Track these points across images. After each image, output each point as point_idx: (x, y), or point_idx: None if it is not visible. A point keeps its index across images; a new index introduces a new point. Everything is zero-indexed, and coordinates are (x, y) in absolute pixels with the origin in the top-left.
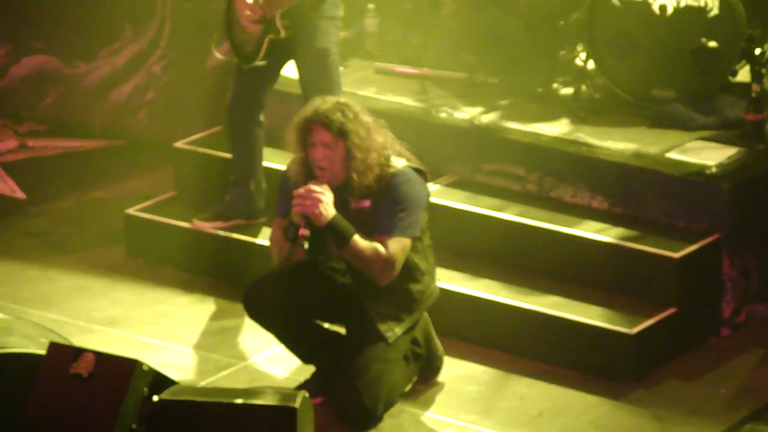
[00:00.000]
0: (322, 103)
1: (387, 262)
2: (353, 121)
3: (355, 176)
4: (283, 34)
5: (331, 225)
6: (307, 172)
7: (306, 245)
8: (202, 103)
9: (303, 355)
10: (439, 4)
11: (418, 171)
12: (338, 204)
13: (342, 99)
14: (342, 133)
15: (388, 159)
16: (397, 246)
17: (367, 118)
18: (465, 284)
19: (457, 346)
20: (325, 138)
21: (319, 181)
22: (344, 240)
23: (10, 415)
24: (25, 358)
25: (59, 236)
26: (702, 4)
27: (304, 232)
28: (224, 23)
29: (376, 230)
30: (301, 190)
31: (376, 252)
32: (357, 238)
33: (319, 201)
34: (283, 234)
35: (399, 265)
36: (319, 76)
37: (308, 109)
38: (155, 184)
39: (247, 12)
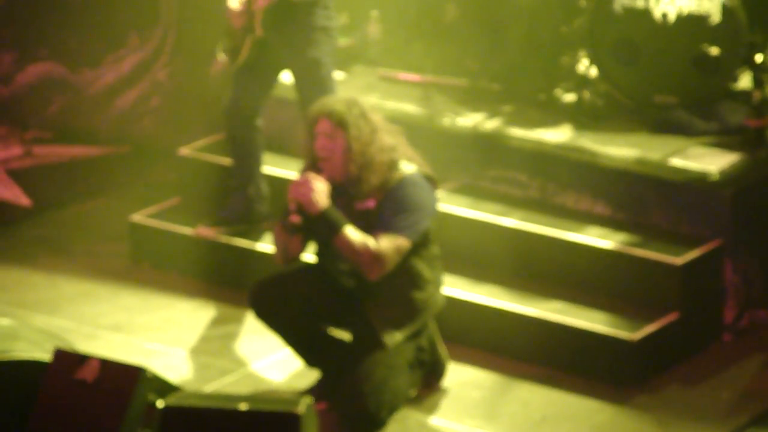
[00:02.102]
0: (331, 98)
1: (375, 255)
2: (356, 116)
3: (354, 169)
4: (258, 33)
5: (323, 214)
6: (314, 167)
7: (298, 232)
8: (206, 110)
9: (307, 358)
10: (441, 11)
11: (428, 178)
12: (343, 204)
13: (353, 97)
14: (342, 124)
15: (396, 162)
16: (390, 243)
17: (376, 118)
18: (468, 290)
19: (461, 351)
20: (325, 128)
21: (320, 174)
22: (334, 230)
23: (16, 421)
24: (30, 364)
25: (64, 242)
26: (703, 11)
27: (295, 218)
28: (224, 22)
29: (375, 229)
30: (298, 179)
31: (366, 245)
32: (348, 230)
33: (313, 189)
34: (283, 225)
35: (389, 262)
36: (311, 86)
37: (318, 103)
38: (160, 190)
39: (233, 6)
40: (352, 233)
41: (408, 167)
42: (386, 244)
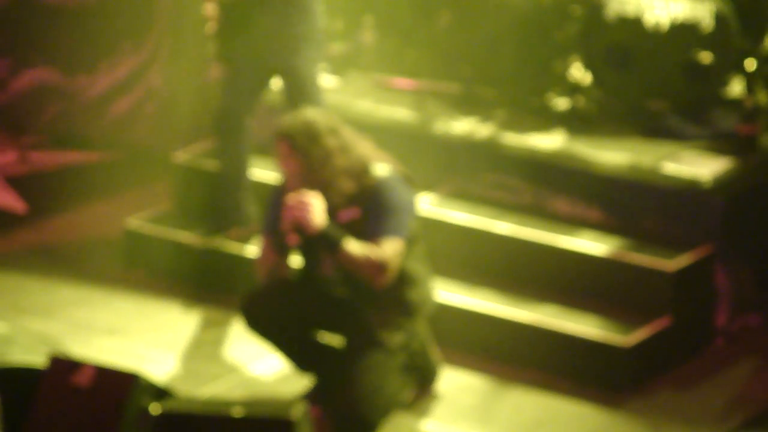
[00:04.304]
0: (291, 115)
1: (380, 264)
2: (309, 138)
3: (316, 187)
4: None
5: (323, 232)
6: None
7: (295, 254)
8: (201, 116)
9: (301, 365)
10: (435, 18)
11: (404, 177)
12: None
13: (313, 113)
14: (294, 147)
15: (366, 168)
16: (389, 247)
17: (334, 138)
18: (462, 296)
19: (455, 356)
20: (282, 150)
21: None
22: (336, 246)
23: (10, 427)
24: (25, 369)
25: (59, 248)
26: (695, 18)
27: (293, 240)
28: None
29: (367, 237)
30: (291, 200)
31: (368, 255)
32: (349, 243)
33: (309, 209)
34: (273, 246)
35: (393, 267)
36: (296, 94)
37: (278, 123)
38: (154, 196)
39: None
40: (354, 246)
41: (381, 169)
42: (386, 248)
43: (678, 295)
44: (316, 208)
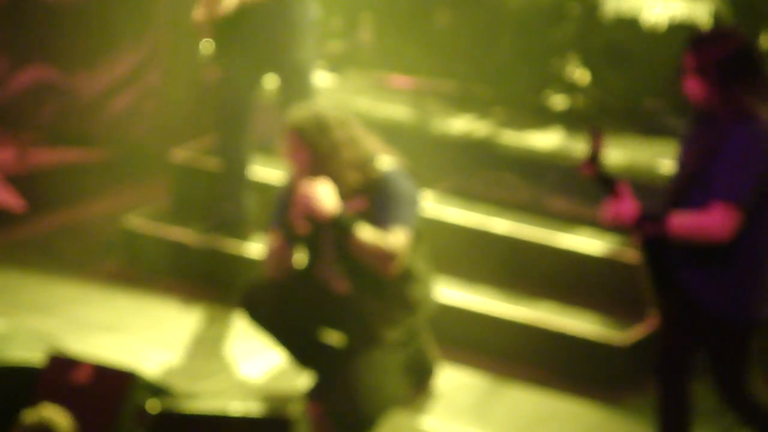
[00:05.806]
0: (298, 111)
1: (390, 252)
2: (317, 131)
3: (327, 177)
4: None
5: (336, 218)
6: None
7: (300, 251)
8: (199, 113)
9: (302, 360)
10: (433, 16)
11: (407, 172)
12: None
13: (322, 106)
14: (303, 140)
15: (372, 161)
16: (398, 236)
17: (342, 130)
18: (459, 293)
19: (453, 354)
20: (290, 143)
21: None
22: (349, 231)
23: (8, 423)
24: (23, 366)
25: (58, 245)
26: (693, 17)
27: (302, 228)
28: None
29: (374, 227)
30: (303, 188)
31: (379, 243)
32: (361, 229)
33: (320, 196)
34: (283, 239)
35: (402, 255)
36: (293, 87)
37: (286, 117)
38: (152, 193)
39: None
40: (366, 233)
41: (387, 162)
42: (397, 236)
43: None
44: (328, 195)
